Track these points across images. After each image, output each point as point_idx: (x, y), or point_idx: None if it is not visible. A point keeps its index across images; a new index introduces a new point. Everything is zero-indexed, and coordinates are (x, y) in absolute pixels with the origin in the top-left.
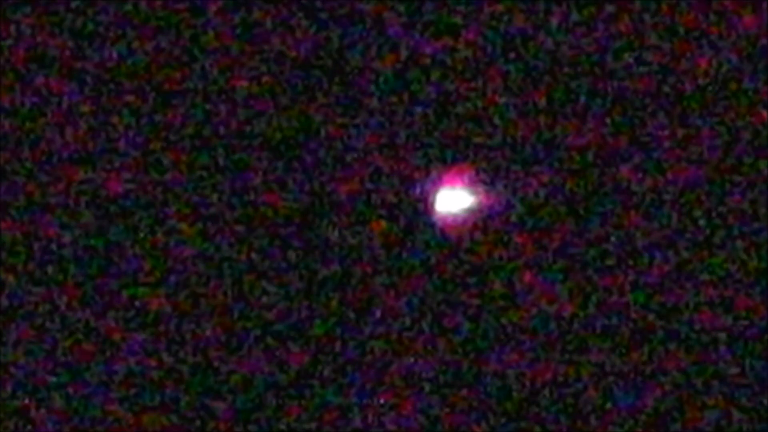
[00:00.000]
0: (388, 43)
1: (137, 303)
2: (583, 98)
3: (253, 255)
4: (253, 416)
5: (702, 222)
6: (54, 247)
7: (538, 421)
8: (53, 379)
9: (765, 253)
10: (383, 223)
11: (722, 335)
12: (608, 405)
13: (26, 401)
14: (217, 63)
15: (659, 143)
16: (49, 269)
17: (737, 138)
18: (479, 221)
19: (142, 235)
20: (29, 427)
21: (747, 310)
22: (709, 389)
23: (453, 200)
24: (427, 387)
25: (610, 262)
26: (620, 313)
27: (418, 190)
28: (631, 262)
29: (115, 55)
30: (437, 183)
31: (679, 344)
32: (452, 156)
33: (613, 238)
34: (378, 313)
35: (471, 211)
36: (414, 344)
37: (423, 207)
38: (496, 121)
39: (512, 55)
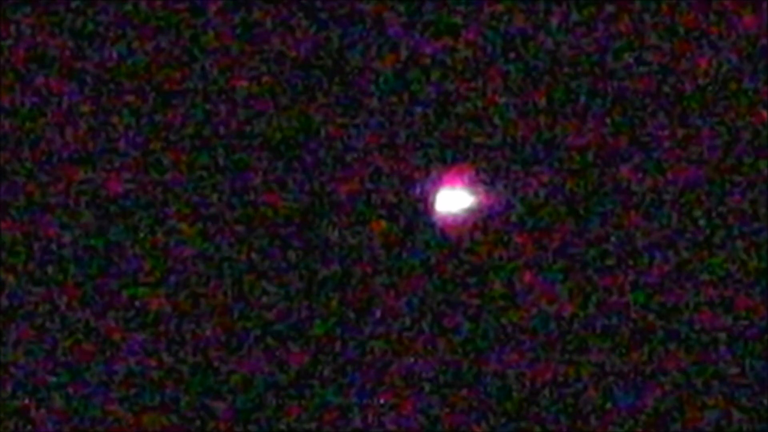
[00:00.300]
0: (388, 43)
1: (137, 303)
2: (583, 98)
3: (253, 255)
4: (253, 416)
5: (702, 222)
6: (54, 247)
7: (538, 421)
8: (53, 379)
9: (765, 253)
10: (383, 223)
11: (722, 335)
12: (608, 405)
13: (26, 401)
14: (217, 63)
15: (659, 143)
16: (49, 269)
17: (737, 138)
18: (479, 221)
19: (142, 235)
20: (29, 427)
21: (747, 310)
22: (709, 389)
23: (453, 200)
24: (427, 387)
25: (610, 262)
26: (620, 313)
27: (418, 190)
28: (631, 262)
29: (115, 55)
30: (437, 183)
31: (679, 344)
32: (452, 156)
33: (613, 238)
34: (378, 313)
35: (471, 211)
36: (414, 344)
37: (423, 207)
38: (496, 121)
39: (512, 55)
